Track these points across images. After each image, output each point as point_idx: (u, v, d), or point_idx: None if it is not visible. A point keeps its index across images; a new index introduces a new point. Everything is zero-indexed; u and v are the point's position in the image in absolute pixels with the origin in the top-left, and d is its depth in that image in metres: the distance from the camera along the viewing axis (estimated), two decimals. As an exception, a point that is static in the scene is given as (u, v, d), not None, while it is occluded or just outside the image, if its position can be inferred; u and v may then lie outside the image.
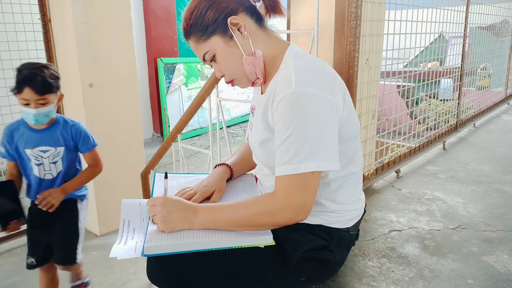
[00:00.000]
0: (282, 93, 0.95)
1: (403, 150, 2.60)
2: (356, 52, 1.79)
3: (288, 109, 0.93)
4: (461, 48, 3.27)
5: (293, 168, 0.92)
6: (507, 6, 4.35)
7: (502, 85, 4.68)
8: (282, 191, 0.95)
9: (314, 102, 0.93)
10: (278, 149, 0.96)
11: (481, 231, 1.68)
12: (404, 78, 2.51)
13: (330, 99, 0.95)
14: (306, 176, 0.93)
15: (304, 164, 0.92)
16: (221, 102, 2.23)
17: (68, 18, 2.47)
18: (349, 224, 1.12)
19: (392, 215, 1.85)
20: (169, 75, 5.77)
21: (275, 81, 1.03)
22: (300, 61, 1.02)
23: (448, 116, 3.32)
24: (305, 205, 0.94)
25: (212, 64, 1.05)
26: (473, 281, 1.33)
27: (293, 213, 0.94)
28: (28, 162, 1.53)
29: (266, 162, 1.08)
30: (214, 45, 1.00)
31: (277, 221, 0.97)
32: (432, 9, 2.73)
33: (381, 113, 2.36)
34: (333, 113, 0.96)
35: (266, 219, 0.97)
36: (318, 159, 0.93)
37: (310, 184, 0.94)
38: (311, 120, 0.93)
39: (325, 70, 1.03)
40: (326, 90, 0.96)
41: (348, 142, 1.05)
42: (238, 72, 1.04)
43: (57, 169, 1.56)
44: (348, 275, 1.37)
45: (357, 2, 1.73)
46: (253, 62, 1.03)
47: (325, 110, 0.94)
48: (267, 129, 1.03)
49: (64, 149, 1.56)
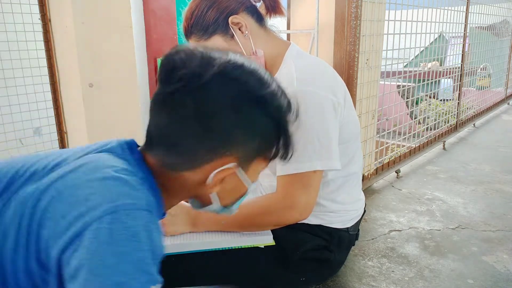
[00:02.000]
0: None
1: (403, 150, 2.60)
2: (356, 52, 1.79)
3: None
4: (461, 48, 3.27)
5: (296, 168, 0.92)
6: (507, 6, 4.35)
7: (502, 85, 4.68)
8: (284, 190, 0.95)
9: (316, 101, 0.94)
10: None
11: (481, 231, 1.68)
12: (404, 78, 2.51)
13: (331, 98, 0.96)
14: (308, 175, 0.93)
15: (308, 163, 0.92)
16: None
17: (68, 18, 2.47)
18: (349, 224, 1.12)
19: (392, 215, 1.85)
20: (169, 75, 5.78)
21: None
22: (301, 61, 1.02)
23: (448, 116, 3.32)
24: (307, 204, 0.95)
25: None
26: (473, 281, 1.33)
27: (295, 213, 0.95)
28: None
29: None
30: (215, 44, 1.00)
31: (280, 220, 0.97)
32: (432, 9, 2.73)
33: (381, 113, 2.35)
34: (334, 112, 0.96)
35: (268, 219, 0.97)
36: (321, 157, 0.93)
37: (312, 183, 0.94)
38: (313, 119, 0.93)
39: (326, 70, 1.03)
40: (328, 90, 0.96)
41: (348, 142, 1.05)
42: None
43: None
44: (348, 275, 1.37)
45: (357, 2, 1.73)
46: (258, 60, 1.03)
47: (326, 109, 0.95)
48: None
49: None
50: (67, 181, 0.54)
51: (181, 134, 0.58)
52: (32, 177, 0.56)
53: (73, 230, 0.48)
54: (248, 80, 0.57)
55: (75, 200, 0.51)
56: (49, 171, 0.57)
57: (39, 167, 0.58)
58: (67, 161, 0.59)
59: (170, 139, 0.59)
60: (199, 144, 0.58)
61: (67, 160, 0.59)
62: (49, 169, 0.58)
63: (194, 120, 0.56)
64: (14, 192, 0.55)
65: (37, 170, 0.58)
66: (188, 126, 0.57)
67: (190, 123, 0.57)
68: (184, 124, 0.57)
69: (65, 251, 0.48)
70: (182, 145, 0.58)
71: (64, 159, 0.59)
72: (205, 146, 0.58)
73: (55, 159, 0.60)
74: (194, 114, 0.56)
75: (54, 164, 0.59)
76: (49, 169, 0.58)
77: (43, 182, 0.54)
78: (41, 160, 0.60)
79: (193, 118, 0.56)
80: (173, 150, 0.59)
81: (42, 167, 0.58)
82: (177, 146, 0.58)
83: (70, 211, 0.50)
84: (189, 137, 0.57)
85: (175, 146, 0.59)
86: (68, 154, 0.61)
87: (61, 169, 0.56)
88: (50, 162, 0.59)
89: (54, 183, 0.54)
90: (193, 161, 0.59)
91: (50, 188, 0.53)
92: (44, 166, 0.58)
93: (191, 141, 0.57)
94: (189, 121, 0.56)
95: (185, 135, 0.57)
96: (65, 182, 0.54)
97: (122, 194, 0.51)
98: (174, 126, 0.58)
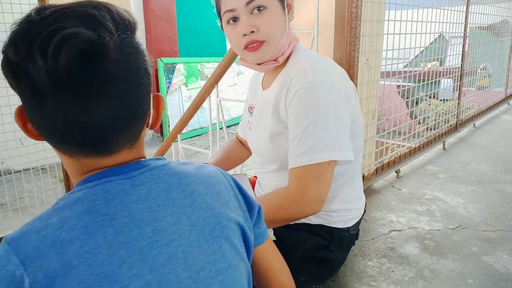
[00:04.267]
0: (298, 84, 0.94)
1: (403, 150, 2.60)
2: (356, 52, 1.79)
3: (306, 98, 0.93)
4: (461, 48, 3.27)
5: (310, 158, 0.91)
6: (507, 6, 4.35)
7: (502, 85, 4.68)
8: (297, 183, 0.93)
9: (330, 92, 0.94)
10: (293, 140, 0.94)
11: (481, 231, 1.68)
12: (404, 78, 2.51)
13: (344, 90, 0.97)
14: (321, 167, 0.92)
15: (323, 154, 0.91)
16: (221, 102, 2.23)
17: (68, 18, 2.47)
18: (350, 223, 1.12)
19: (392, 215, 1.85)
20: (169, 75, 5.77)
21: (286, 74, 1.03)
22: (313, 55, 1.05)
23: (448, 116, 3.32)
24: (319, 197, 0.93)
25: (249, 16, 0.97)
26: (473, 281, 1.33)
27: (308, 206, 0.93)
28: None
29: (275, 155, 1.06)
30: (272, 2, 0.98)
31: (292, 215, 0.95)
32: (432, 9, 2.73)
33: (381, 113, 2.35)
34: (347, 104, 0.97)
35: (280, 213, 0.95)
36: (335, 148, 0.92)
37: (324, 176, 0.93)
38: (328, 109, 0.93)
39: (336, 65, 1.06)
40: (340, 82, 0.98)
41: (353, 139, 1.06)
42: (275, 38, 1.00)
43: None
44: (348, 275, 1.37)
45: (357, 2, 1.73)
46: (290, 40, 1.04)
47: (340, 100, 0.96)
48: (279, 123, 1.02)
49: None
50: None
51: None
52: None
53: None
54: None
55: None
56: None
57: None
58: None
59: None
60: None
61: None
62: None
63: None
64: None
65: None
66: None
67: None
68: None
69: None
70: None
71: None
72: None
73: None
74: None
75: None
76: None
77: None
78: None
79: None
80: None
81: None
82: None
83: None
84: None
85: None
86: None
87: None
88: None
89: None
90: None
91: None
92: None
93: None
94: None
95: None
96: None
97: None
98: None
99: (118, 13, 0.54)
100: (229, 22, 1.00)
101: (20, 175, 2.48)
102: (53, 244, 0.48)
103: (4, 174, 2.85)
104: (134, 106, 0.55)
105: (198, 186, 0.60)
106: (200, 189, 0.60)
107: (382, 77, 2.25)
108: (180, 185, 0.58)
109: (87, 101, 0.50)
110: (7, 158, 2.51)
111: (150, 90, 0.58)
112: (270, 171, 1.12)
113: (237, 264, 0.59)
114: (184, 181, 0.59)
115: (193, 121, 5.88)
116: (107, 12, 0.52)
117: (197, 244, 0.56)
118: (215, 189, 0.62)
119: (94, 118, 0.51)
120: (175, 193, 0.57)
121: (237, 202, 0.65)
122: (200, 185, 0.60)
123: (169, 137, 2.41)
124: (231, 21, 0.99)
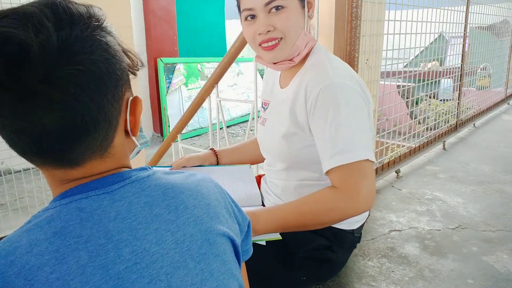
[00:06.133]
0: (320, 85, 0.94)
1: (403, 150, 2.60)
2: (356, 52, 1.79)
3: (332, 98, 0.93)
4: (461, 48, 3.27)
5: (350, 157, 0.90)
6: (507, 6, 4.35)
7: (502, 85, 4.68)
8: (344, 182, 0.92)
9: (355, 94, 0.95)
10: (324, 140, 0.94)
11: (481, 231, 1.68)
12: (404, 78, 2.51)
13: (363, 96, 0.98)
14: (364, 164, 0.91)
15: (360, 152, 0.91)
16: (221, 102, 2.23)
17: (68, 18, 2.47)
18: (355, 226, 1.12)
19: (392, 215, 1.85)
20: (169, 75, 5.77)
21: (304, 74, 1.03)
22: (334, 58, 1.06)
23: (448, 116, 3.32)
24: (369, 193, 0.92)
25: (267, 15, 0.98)
26: (473, 281, 1.33)
27: (360, 204, 0.92)
28: None
29: (285, 154, 1.06)
30: (291, 1, 0.99)
31: (346, 214, 0.94)
32: (432, 9, 2.73)
33: (381, 113, 2.35)
34: (366, 107, 0.98)
35: (333, 215, 0.94)
36: (366, 147, 0.93)
37: (369, 172, 0.92)
38: (356, 110, 0.94)
39: (355, 72, 1.07)
40: (360, 88, 0.99)
41: None
42: (292, 36, 1.01)
43: None
44: (348, 275, 1.37)
45: (357, 2, 1.73)
46: (307, 41, 1.04)
47: (362, 103, 0.97)
48: (295, 124, 1.02)
49: None
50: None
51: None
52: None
53: None
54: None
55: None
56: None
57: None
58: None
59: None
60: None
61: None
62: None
63: None
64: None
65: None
66: None
67: None
68: None
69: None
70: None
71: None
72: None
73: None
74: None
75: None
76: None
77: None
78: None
79: None
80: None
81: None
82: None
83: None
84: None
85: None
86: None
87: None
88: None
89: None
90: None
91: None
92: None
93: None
94: None
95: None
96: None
97: None
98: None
99: (66, 8, 0.48)
100: (247, 19, 1.02)
101: (20, 175, 2.48)
102: (20, 271, 0.43)
103: (4, 174, 2.85)
104: (91, 112, 0.48)
105: (186, 198, 0.55)
106: (188, 201, 0.55)
107: (382, 77, 2.25)
108: (165, 198, 0.53)
109: (29, 109, 0.45)
110: (7, 158, 2.51)
111: (118, 93, 0.52)
112: (278, 170, 1.12)
113: (227, 282, 0.55)
114: (169, 193, 0.54)
115: (193, 121, 5.88)
116: (51, 7, 0.47)
117: (182, 264, 0.51)
118: (204, 200, 0.57)
119: (41, 126, 0.46)
120: (158, 208, 0.52)
121: (228, 214, 0.61)
122: (189, 197, 0.56)
123: (169, 137, 2.41)
124: (249, 18, 1.01)
